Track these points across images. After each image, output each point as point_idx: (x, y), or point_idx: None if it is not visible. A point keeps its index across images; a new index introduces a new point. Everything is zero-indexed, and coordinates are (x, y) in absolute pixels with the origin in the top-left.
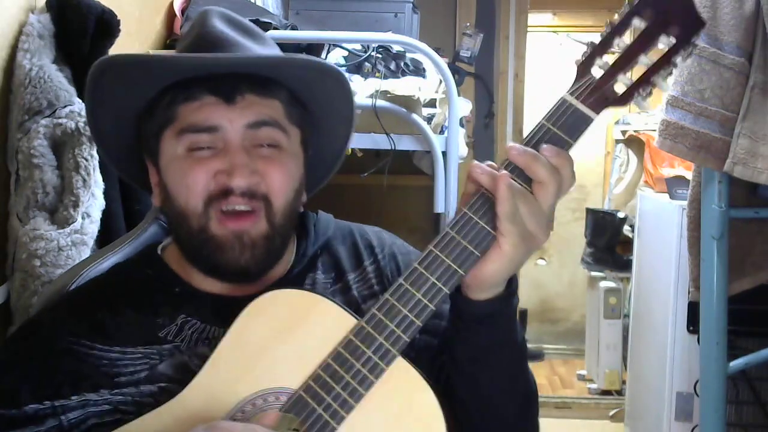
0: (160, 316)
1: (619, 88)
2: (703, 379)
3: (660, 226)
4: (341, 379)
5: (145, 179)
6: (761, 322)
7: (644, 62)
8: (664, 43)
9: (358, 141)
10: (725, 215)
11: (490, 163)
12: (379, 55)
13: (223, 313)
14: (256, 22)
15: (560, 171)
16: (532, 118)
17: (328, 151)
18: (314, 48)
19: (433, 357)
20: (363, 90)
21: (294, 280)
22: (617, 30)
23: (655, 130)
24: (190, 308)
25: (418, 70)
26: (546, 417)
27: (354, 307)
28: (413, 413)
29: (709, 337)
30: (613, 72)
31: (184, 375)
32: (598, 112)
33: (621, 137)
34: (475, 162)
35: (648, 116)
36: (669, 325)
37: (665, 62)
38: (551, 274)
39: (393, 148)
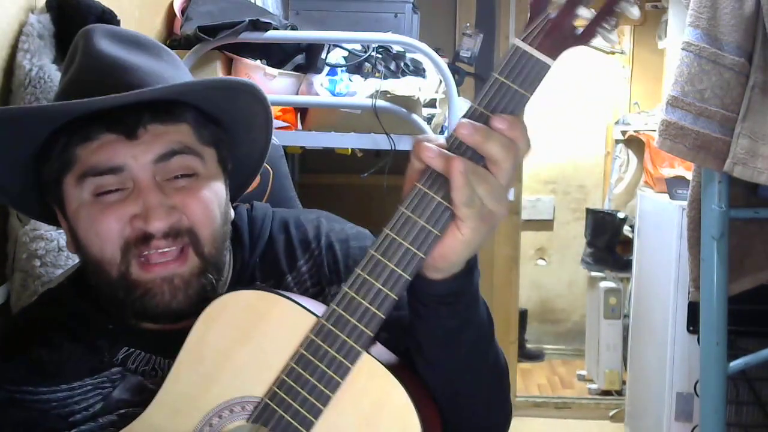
0: (98, 351)
1: (580, 24)
2: (703, 379)
3: (660, 226)
4: (306, 382)
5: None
6: (761, 322)
7: None
8: None
9: (358, 141)
10: (725, 215)
11: (439, 141)
12: (379, 56)
13: (165, 345)
14: (256, 22)
15: (516, 143)
16: (532, 118)
17: (247, 161)
18: (314, 48)
19: (395, 350)
20: (363, 90)
21: None
22: None
23: (655, 130)
24: (131, 341)
25: (418, 70)
26: (546, 417)
27: None
28: (386, 411)
29: (709, 337)
30: (570, 6)
31: (142, 396)
32: (555, 57)
33: (621, 137)
34: (422, 141)
35: (648, 116)
36: (669, 325)
37: None
38: (551, 274)
39: (393, 148)
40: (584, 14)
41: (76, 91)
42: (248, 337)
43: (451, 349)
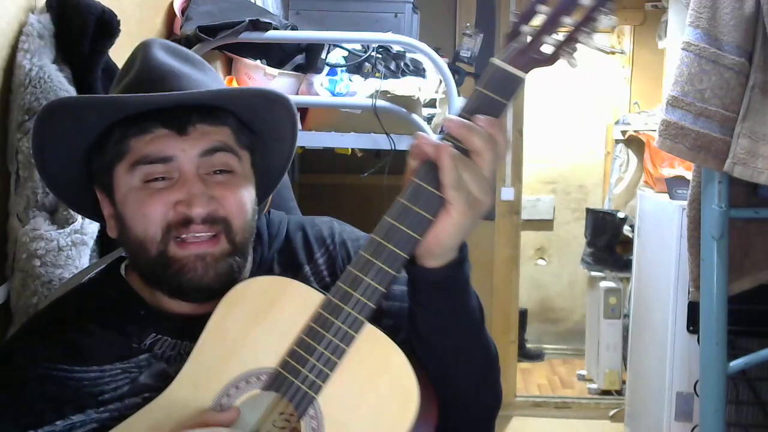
0: (129, 336)
1: (547, 49)
2: (703, 379)
3: (660, 226)
4: (315, 350)
5: (96, 210)
6: (761, 322)
7: (569, 23)
8: (584, 4)
9: (358, 141)
10: (725, 215)
11: (433, 137)
12: (379, 55)
13: (192, 330)
14: (256, 22)
15: (495, 139)
16: (532, 119)
17: (272, 168)
18: (314, 48)
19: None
20: (363, 90)
21: None
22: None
23: (655, 130)
24: (158, 327)
25: (418, 70)
26: (546, 417)
27: None
28: (386, 373)
29: (709, 337)
30: (539, 35)
31: (165, 382)
32: (527, 72)
33: (621, 137)
34: (420, 134)
35: (648, 116)
36: (669, 325)
37: (587, 20)
38: (551, 274)
39: (393, 148)
40: (549, 41)
41: (135, 91)
42: (264, 316)
43: (446, 332)
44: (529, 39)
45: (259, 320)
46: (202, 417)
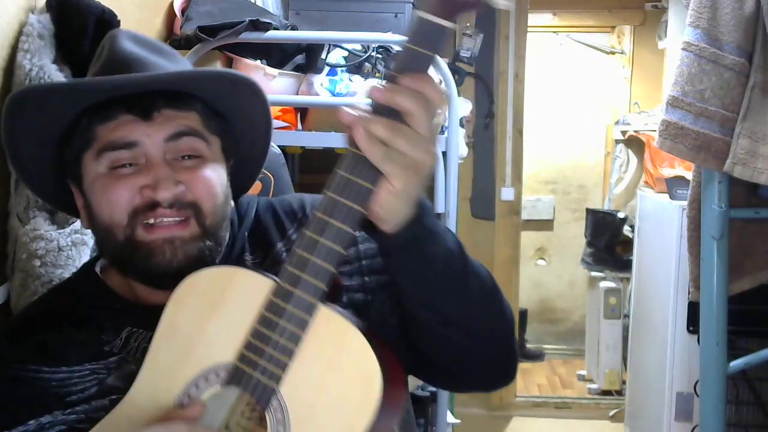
0: (105, 332)
1: None
2: (703, 379)
3: (660, 226)
4: (270, 340)
5: (71, 205)
6: (761, 322)
7: None
8: None
9: None
10: (725, 215)
11: (360, 107)
12: (379, 55)
13: None
14: (256, 22)
15: (423, 93)
16: (532, 119)
17: (249, 158)
18: (314, 48)
19: (389, 291)
20: (363, 90)
21: None
22: None
23: (655, 131)
24: (134, 320)
25: None
26: (546, 417)
27: None
28: (345, 355)
29: (709, 337)
30: None
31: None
32: (453, 21)
33: (621, 137)
34: (342, 107)
35: (648, 116)
36: (669, 325)
37: None
38: (551, 274)
39: None
40: None
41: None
42: (215, 309)
43: (427, 285)
44: None
45: (211, 314)
46: (165, 414)
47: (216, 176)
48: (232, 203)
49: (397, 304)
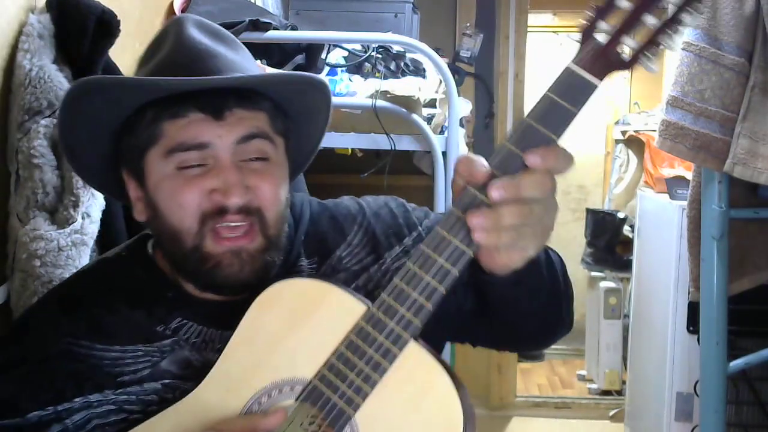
0: (155, 316)
1: (625, 51)
2: (703, 379)
3: (660, 226)
4: (355, 366)
5: (121, 191)
6: (761, 322)
7: (650, 23)
8: (670, 1)
9: (358, 141)
10: (725, 215)
11: (482, 163)
12: (379, 56)
13: (218, 317)
14: (257, 22)
15: (553, 171)
16: None
17: (300, 154)
18: (314, 48)
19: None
20: (363, 90)
21: (284, 274)
22: None
23: (655, 130)
24: (185, 312)
25: (418, 70)
26: (546, 417)
27: (348, 285)
28: (430, 397)
29: (709, 337)
30: (617, 35)
31: (186, 371)
32: (602, 78)
33: (621, 137)
34: (465, 159)
35: (648, 116)
36: (669, 325)
37: (672, 21)
38: None
39: (393, 148)
40: (629, 43)
41: (169, 70)
42: (300, 322)
43: (516, 305)
44: (605, 39)
45: (295, 326)
46: (250, 420)
47: (281, 181)
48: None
49: (472, 292)
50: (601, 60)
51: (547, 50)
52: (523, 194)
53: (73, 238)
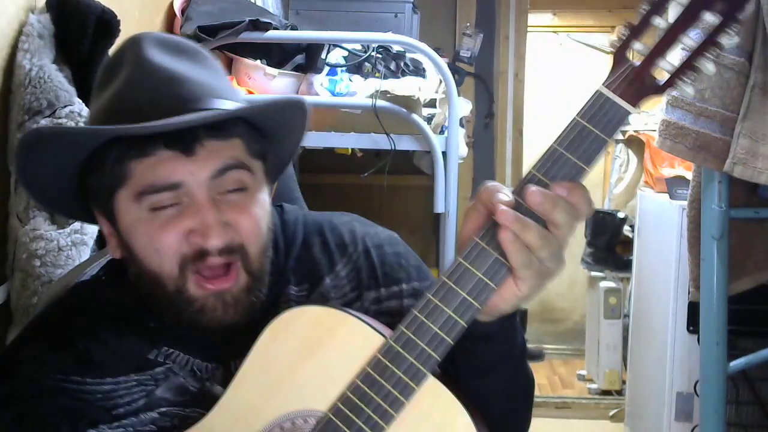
0: (144, 343)
1: (660, 74)
2: (703, 379)
3: (660, 226)
4: (371, 400)
5: (91, 216)
6: (761, 322)
7: (687, 44)
8: (707, 22)
9: (358, 141)
10: (725, 215)
11: (505, 192)
12: (379, 55)
13: (204, 347)
14: (256, 22)
15: (577, 208)
16: (532, 118)
17: (277, 158)
18: (314, 48)
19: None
20: (363, 90)
21: (271, 302)
22: (655, 9)
23: (655, 130)
24: (170, 340)
25: (418, 70)
26: (546, 417)
27: None
28: None
29: (709, 337)
30: (652, 57)
31: (183, 397)
32: (636, 105)
33: (621, 137)
34: (491, 187)
35: (648, 116)
36: (669, 325)
37: (711, 43)
38: None
39: (393, 148)
40: (664, 65)
41: (129, 103)
42: (314, 352)
43: (487, 380)
44: (639, 64)
45: (309, 356)
46: None
47: (262, 210)
48: (276, 216)
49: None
50: (635, 84)
51: (547, 50)
52: (555, 211)
53: (73, 237)
